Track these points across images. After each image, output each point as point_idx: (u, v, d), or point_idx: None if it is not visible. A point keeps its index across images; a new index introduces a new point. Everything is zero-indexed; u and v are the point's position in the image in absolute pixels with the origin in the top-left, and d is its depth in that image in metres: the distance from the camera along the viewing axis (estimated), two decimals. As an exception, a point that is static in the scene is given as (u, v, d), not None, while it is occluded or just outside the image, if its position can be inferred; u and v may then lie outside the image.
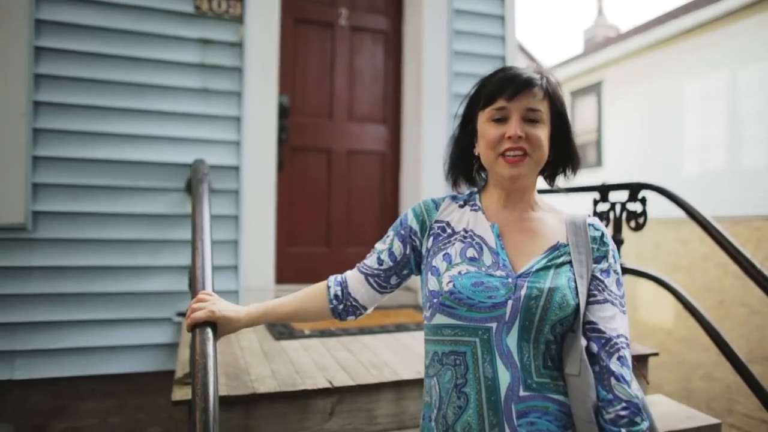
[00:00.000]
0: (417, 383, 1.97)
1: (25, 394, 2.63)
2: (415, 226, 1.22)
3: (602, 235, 1.15)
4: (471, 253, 1.13)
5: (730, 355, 2.08)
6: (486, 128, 1.12)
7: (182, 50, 2.86)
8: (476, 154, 1.19)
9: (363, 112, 3.53)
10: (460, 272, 1.10)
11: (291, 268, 3.27)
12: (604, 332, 1.06)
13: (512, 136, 1.07)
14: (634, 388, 1.02)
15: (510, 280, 1.08)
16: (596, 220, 1.19)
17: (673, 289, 2.33)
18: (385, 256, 1.25)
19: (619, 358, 1.04)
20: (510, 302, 1.06)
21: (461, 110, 1.22)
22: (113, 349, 2.70)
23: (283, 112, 3.19)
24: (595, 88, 9.07)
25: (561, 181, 1.25)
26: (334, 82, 3.47)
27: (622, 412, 1.00)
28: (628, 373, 1.03)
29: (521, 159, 1.08)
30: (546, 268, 1.09)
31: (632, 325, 7.62)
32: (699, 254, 6.62)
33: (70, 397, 2.71)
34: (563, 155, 1.19)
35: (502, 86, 1.10)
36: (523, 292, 1.06)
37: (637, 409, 1.00)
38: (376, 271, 1.26)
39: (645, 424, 1.00)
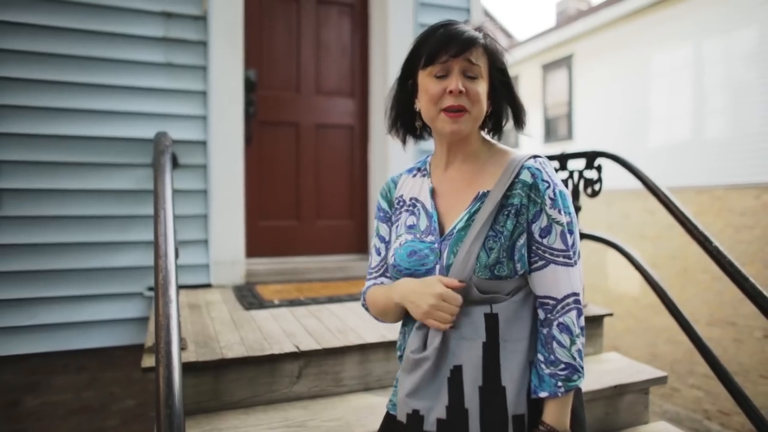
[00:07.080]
0: (381, 346, 2.05)
1: (-2, 370, 2.66)
2: (385, 206, 1.26)
3: (536, 183, 1.07)
4: (411, 220, 1.17)
5: (674, 311, 2.20)
6: (427, 83, 1.11)
7: (145, 24, 2.83)
8: (417, 110, 1.17)
9: (330, 86, 3.55)
10: (400, 243, 1.15)
11: (262, 242, 3.31)
12: (547, 300, 1.06)
13: (453, 90, 1.07)
14: (574, 351, 1.03)
15: (436, 245, 1.10)
16: (540, 164, 1.10)
17: (622, 249, 2.45)
18: (379, 244, 1.26)
19: (558, 325, 1.04)
20: (437, 268, 1.08)
21: (402, 65, 1.19)
22: (85, 324, 2.73)
23: (250, 86, 3.19)
24: (566, 62, 9.14)
25: (525, 136, 1.22)
26: (300, 56, 3.47)
27: (561, 372, 1.03)
28: (567, 339, 1.04)
29: (461, 114, 1.09)
30: (467, 226, 1.08)
31: (602, 294, 7.87)
32: (665, 224, 6.81)
33: (43, 373, 2.73)
34: (507, 107, 1.19)
35: (445, 44, 1.08)
36: (444, 258, 1.08)
37: (574, 369, 1.03)
38: (382, 264, 1.26)
39: (581, 381, 1.05)
